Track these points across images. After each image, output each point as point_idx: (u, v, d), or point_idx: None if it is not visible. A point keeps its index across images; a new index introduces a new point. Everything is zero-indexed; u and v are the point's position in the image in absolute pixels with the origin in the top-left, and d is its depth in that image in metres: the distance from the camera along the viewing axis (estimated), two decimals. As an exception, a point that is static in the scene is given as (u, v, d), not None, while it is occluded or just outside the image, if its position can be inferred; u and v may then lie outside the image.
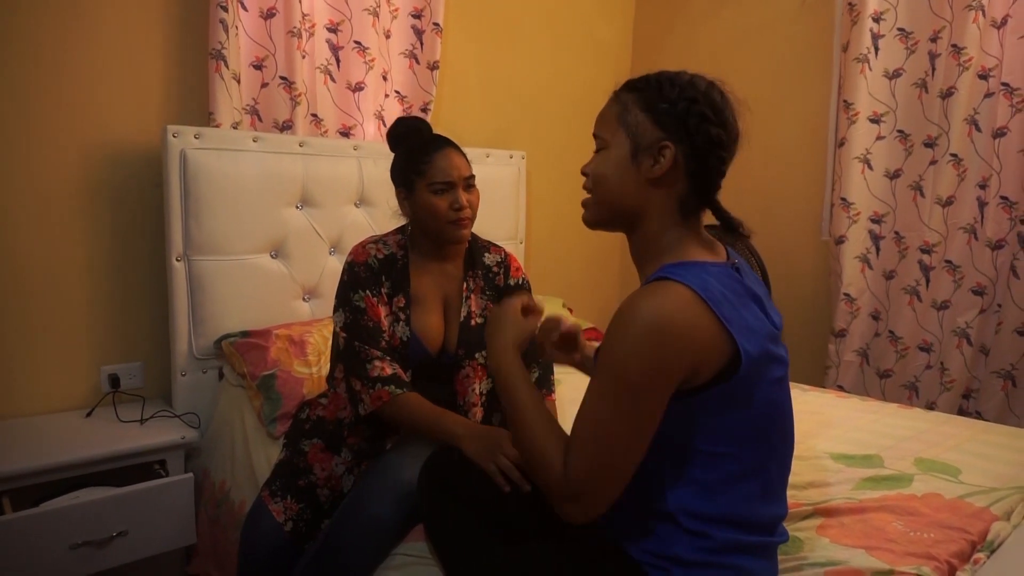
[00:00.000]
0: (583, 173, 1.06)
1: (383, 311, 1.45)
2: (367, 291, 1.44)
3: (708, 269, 0.94)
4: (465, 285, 1.54)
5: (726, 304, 0.91)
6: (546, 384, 1.55)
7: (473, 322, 1.52)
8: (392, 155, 1.54)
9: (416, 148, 1.48)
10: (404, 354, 1.46)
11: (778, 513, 1.02)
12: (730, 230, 1.01)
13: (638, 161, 0.98)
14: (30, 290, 1.85)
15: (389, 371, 1.39)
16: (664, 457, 0.94)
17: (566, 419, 1.66)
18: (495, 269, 1.58)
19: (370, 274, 1.46)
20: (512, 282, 1.59)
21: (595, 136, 1.04)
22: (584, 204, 1.06)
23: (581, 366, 1.33)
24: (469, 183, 1.48)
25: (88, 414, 1.90)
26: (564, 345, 1.31)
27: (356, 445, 1.47)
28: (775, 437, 0.99)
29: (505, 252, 1.63)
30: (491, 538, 1.13)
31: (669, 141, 0.96)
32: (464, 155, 1.50)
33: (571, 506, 0.93)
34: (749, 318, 0.93)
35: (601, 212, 1.04)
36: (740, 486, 0.95)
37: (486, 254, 1.59)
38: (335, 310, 1.47)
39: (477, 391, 1.51)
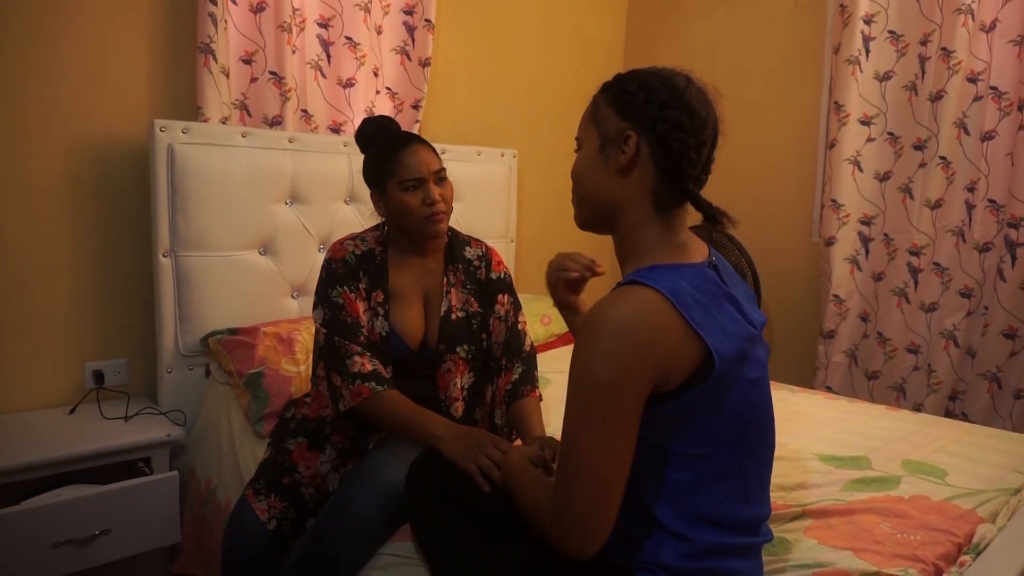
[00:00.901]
0: (571, 176, 1.07)
1: (361, 306, 1.44)
2: (344, 287, 1.44)
3: (681, 271, 0.94)
4: (445, 279, 1.53)
5: (697, 307, 0.90)
6: (529, 380, 1.54)
7: (454, 316, 1.51)
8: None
9: (384, 148, 1.47)
10: (384, 349, 1.45)
11: (760, 513, 1.02)
12: (711, 220, 1.00)
13: (606, 154, 0.99)
14: (14, 285, 1.83)
15: (369, 367, 1.39)
16: (640, 460, 0.94)
17: (551, 418, 1.66)
18: (476, 263, 1.58)
19: (347, 270, 1.45)
20: (494, 276, 1.58)
21: (576, 139, 1.06)
22: (573, 204, 1.07)
23: (572, 321, 1.30)
24: (440, 176, 1.47)
25: (72, 411, 1.88)
26: (573, 287, 1.28)
27: (340, 443, 1.47)
28: (752, 439, 0.98)
29: (486, 246, 1.62)
30: (477, 539, 1.12)
31: (631, 129, 0.96)
32: (433, 149, 1.49)
33: (566, 531, 0.90)
34: (723, 320, 0.93)
35: (583, 211, 1.05)
36: (716, 487, 0.94)
37: (467, 248, 1.59)
38: (315, 307, 1.46)
39: (459, 385, 1.50)
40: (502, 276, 1.59)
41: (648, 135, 0.96)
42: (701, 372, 0.90)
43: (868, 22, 2.44)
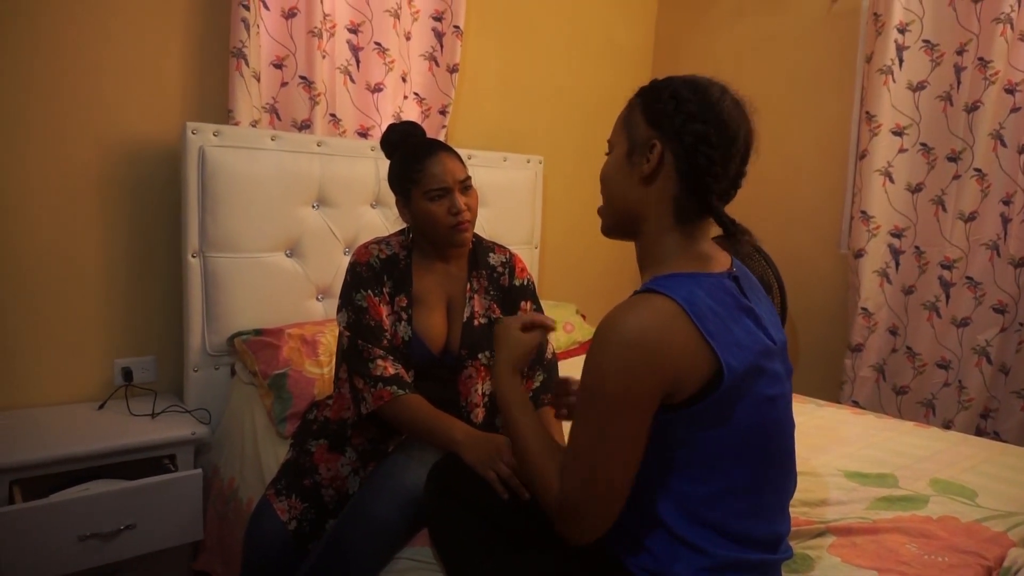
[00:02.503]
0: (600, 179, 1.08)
1: (384, 310, 1.45)
2: (369, 291, 1.44)
3: (699, 281, 0.93)
4: (469, 285, 1.53)
5: (712, 318, 0.89)
6: (549, 388, 1.54)
7: (476, 322, 1.51)
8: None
9: (409, 155, 1.47)
10: (406, 354, 1.46)
11: (777, 531, 1.00)
12: (730, 237, 1.00)
13: (632, 160, 0.99)
14: (46, 282, 1.87)
15: (392, 371, 1.39)
16: (653, 470, 0.93)
17: (568, 427, 1.65)
18: (499, 269, 1.58)
19: (372, 274, 1.46)
20: (517, 283, 1.58)
21: (608, 142, 1.06)
22: (599, 210, 1.07)
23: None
24: (465, 185, 1.47)
25: (100, 407, 1.92)
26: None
27: (360, 446, 1.47)
28: (767, 456, 0.96)
29: (510, 252, 1.62)
30: (495, 546, 1.12)
31: (657, 139, 0.96)
32: (459, 157, 1.49)
33: (568, 526, 0.93)
34: (738, 332, 0.92)
35: (609, 217, 1.06)
36: (728, 502, 0.93)
37: (491, 254, 1.59)
38: (339, 310, 1.47)
39: (480, 392, 1.50)
40: (525, 283, 1.59)
41: (674, 145, 0.95)
42: (712, 383, 0.89)
43: (902, 31, 2.40)
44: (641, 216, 1.00)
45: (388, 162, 1.54)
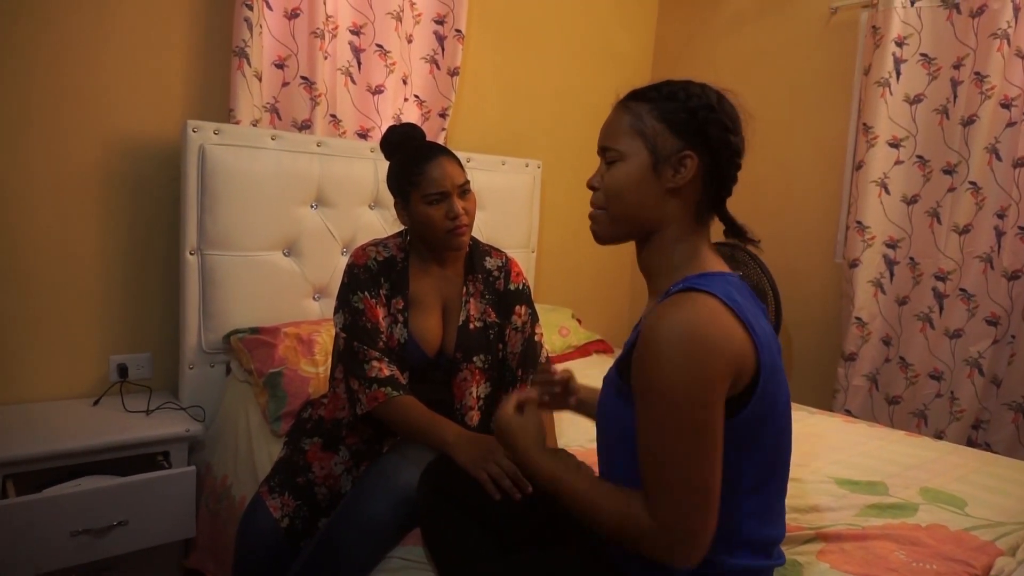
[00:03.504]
0: (591, 187, 1.04)
1: (381, 312, 1.46)
2: (366, 292, 1.45)
3: (728, 279, 0.95)
4: (465, 289, 1.54)
5: (749, 314, 0.91)
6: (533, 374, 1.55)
7: (472, 326, 1.52)
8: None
9: (409, 158, 1.47)
10: (402, 356, 1.46)
11: (775, 535, 1.01)
12: (737, 235, 1.01)
13: (659, 171, 0.96)
14: (44, 278, 1.87)
15: (387, 372, 1.40)
16: None
17: (564, 428, 1.66)
18: (495, 273, 1.59)
19: (369, 276, 1.47)
20: (512, 287, 1.58)
21: (605, 149, 1.01)
22: (594, 219, 1.04)
23: (578, 409, 1.27)
24: (464, 190, 1.47)
25: (95, 403, 1.92)
26: (562, 393, 1.27)
27: (355, 445, 1.48)
28: (778, 454, 0.98)
29: (506, 257, 1.63)
30: (488, 547, 1.13)
31: (691, 151, 0.95)
32: (458, 162, 1.49)
33: (679, 550, 0.87)
34: (764, 328, 0.93)
35: (618, 227, 1.01)
36: (741, 502, 0.94)
37: (487, 258, 1.59)
38: (335, 311, 1.48)
39: (474, 395, 1.51)
40: (520, 288, 1.60)
41: (706, 157, 0.96)
42: (755, 379, 0.89)
43: (900, 44, 2.42)
44: (660, 224, 0.99)
45: (387, 164, 1.55)
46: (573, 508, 0.96)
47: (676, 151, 0.96)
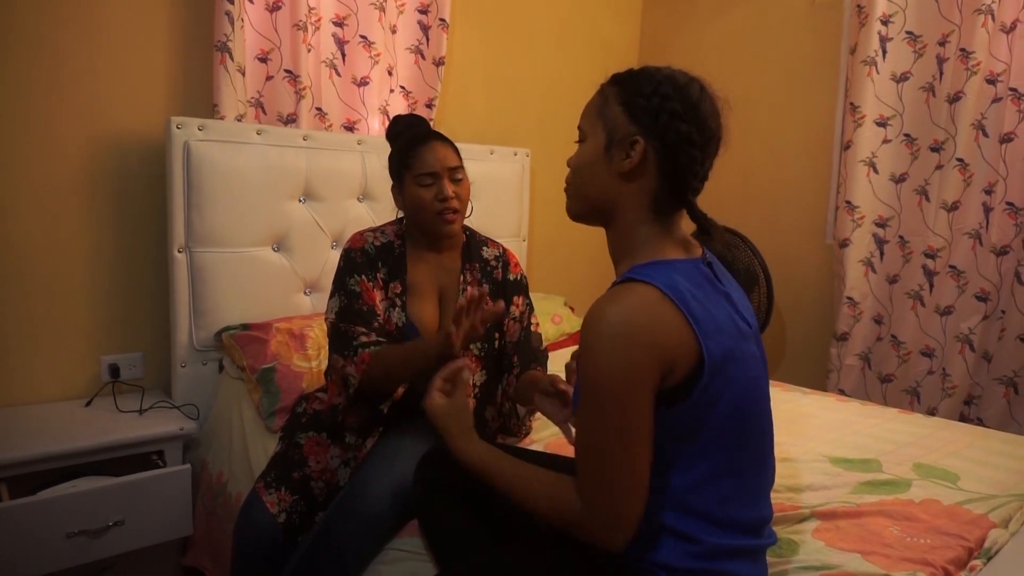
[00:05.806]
0: (568, 165, 1.06)
1: (378, 295, 1.46)
2: (363, 276, 1.45)
3: (676, 267, 0.94)
4: (463, 277, 1.54)
5: (694, 301, 0.91)
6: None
7: None
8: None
9: (407, 142, 1.50)
10: (398, 339, 1.46)
11: (762, 515, 1.01)
12: (704, 232, 1.00)
13: (611, 154, 0.98)
14: (32, 279, 1.86)
15: (372, 338, 1.40)
16: None
17: (546, 422, 1.65)
18: (493, 263, 1.59)
19: (366, 259, 1.47)
20: (512, 277, 1.59)
21: (579, 128, 1.05)
22: (566, 194, 1.07)
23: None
24: (456, 176, 1.48)
25: (87, 403, 1.91)
26: (562, 399, 1.29)
27: (354, 424, 1.47)
28: (748, 438, 0.98)
29: (503, 248, 1.64)
30: (484, 536, 1.13)
31: (640, 136, 0.95)
32: (453, 147, 1.51)
33: (606, 534, 0.90)
34: (718, 315, 0.93)
35: (578, 204, 1.05)
36: (714, 487, 0.94)
37: (484, 248, 1.60)
38: (331, 297, 1.48)
39: (470, 383, 1.51)
40: (519, 278, 1.61)
41: (656, 143, 0.95)
42: (699, 368, 0.90)
43: (885, 22, 2.42)
44: (617, 207, 1.00)
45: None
46: (508, 494, 1.01)
47: (628, 136, 0.96)
